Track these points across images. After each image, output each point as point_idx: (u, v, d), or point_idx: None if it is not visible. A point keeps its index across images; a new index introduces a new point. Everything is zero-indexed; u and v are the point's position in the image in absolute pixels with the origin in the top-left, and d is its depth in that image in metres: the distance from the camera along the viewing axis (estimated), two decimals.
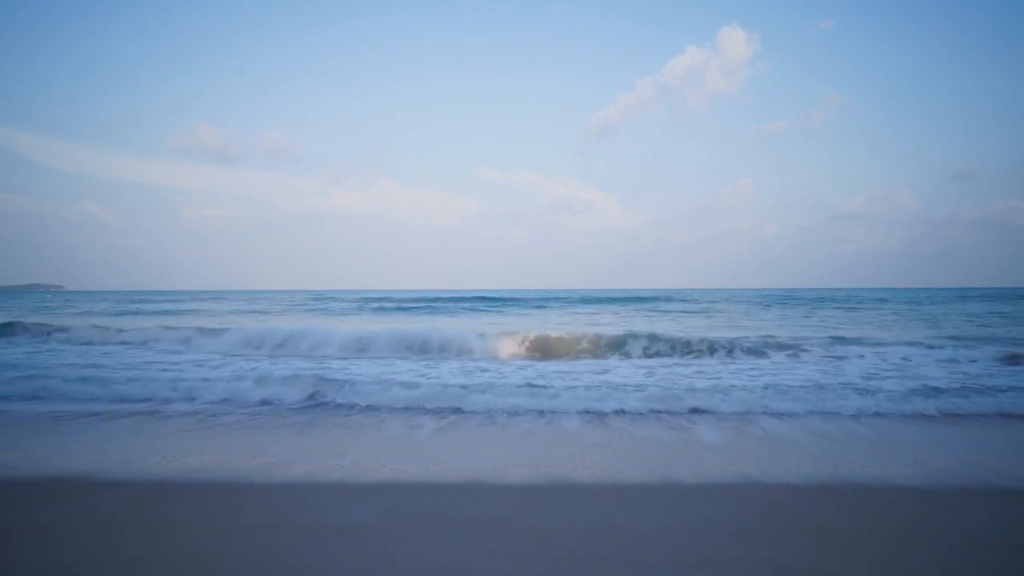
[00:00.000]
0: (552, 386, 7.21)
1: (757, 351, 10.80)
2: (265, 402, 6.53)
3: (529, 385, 7.32)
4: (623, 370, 9.08)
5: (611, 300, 39.26)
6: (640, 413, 5.98)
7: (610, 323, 20.13)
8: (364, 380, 7.49)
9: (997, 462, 4.33)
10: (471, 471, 4.09)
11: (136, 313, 28.31)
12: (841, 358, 10.18)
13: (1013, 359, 9.60)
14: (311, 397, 6.73)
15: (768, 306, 31.88)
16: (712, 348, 10.95)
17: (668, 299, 41.28)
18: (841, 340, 12.10)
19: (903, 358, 9.97)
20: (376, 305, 34.47)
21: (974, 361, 9.65)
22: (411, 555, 2.70)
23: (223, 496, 3.55)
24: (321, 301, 40.77)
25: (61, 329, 14.36)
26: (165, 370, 8.79)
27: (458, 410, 6.15)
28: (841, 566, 2.61)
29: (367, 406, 6.37)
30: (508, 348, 11.39)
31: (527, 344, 11.63)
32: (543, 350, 11.43)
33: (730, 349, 10.87)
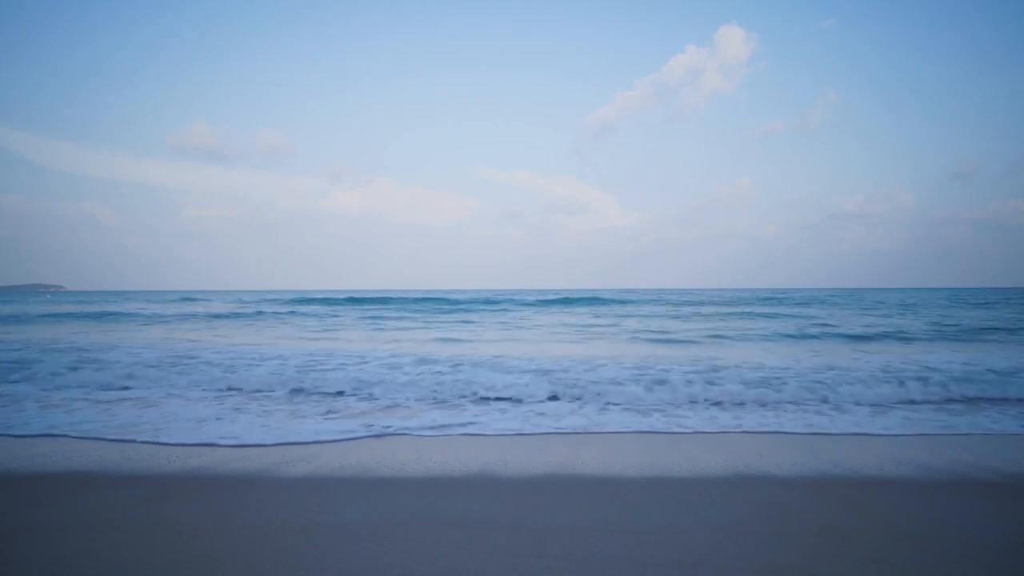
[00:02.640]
0: None
1: None
2: None
3: None
4: None
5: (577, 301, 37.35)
6: None
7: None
8: None
9: (998, 462, 4.33)
10: (469, 470, 4.09)
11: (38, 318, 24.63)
12: None
13: None
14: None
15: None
16: None
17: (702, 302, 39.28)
18: None
19: None
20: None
21: None
22: (409, 555, 2.70)
23: (223, 496, 3.55)
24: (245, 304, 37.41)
25: None
26: None
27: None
28: (841, 566, 2.60)
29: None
30: None
31: None
32: None
33: None
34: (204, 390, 7.30)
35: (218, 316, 24.95)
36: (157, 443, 4.83)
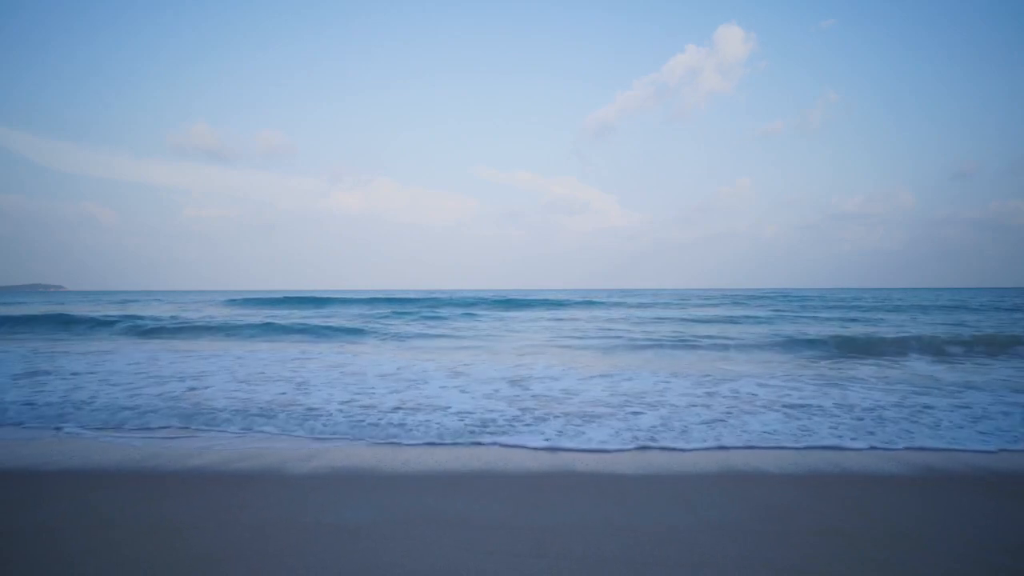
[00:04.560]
0: None
1: None
2: None
3: None
4: None
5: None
6: None
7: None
8: None
9: (997, 463, 4.33)
10: (470, 470, 4.10)
11: None
12: None
13: None
14: None
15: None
16: None
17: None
18: None
19: None
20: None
21: None
22: (410, 554, 2.70)
23: (224, 495, 3.55)
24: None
25: None
26: None
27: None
28: (841, 566, 2.61)
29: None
30: None
31: None
32: None
33: None
34: None
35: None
36: (158, 441, 4.83)
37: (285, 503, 3.41)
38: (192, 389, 7.28)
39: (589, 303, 34.71)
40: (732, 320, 21.89)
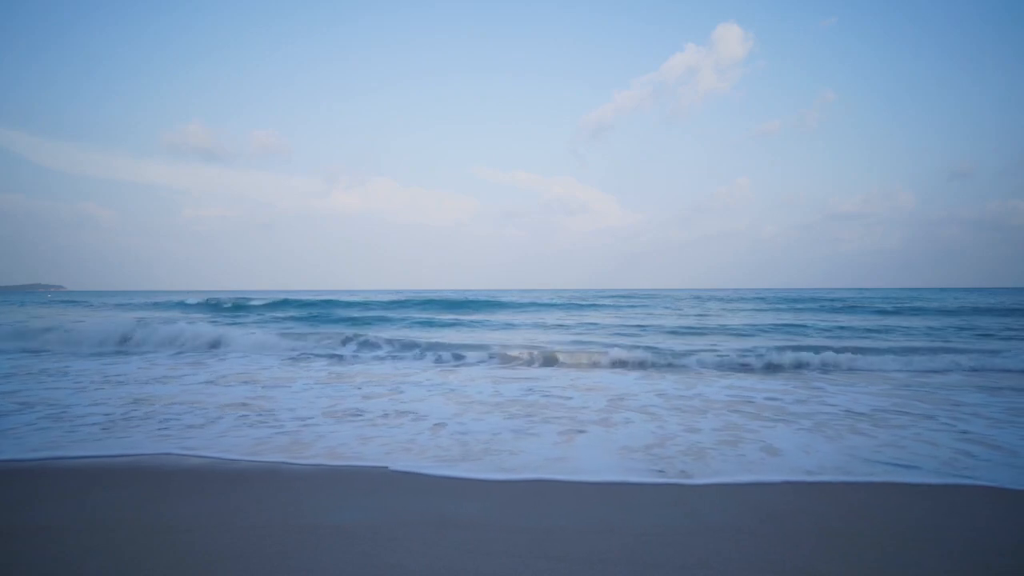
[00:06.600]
0: None
1: None
2: None
3: None
4: None
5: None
6: None
7: None
8: None
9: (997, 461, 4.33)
10: (471, 471, 4.09)
11: None
12: None
13: None
14: None
15: None
16: None
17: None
18: None
19: None
20: None
21: None
22: (410, 555, 2.70)
23: (223, 496, 3.55)
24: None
25: None
26: None
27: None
28: (841, 567, 2.60)
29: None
30: None
31: None
32: None
33: None
34: None
35: None
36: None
37: (284, 503, 3.41)
38: None
39: (565, 306, 30.28)
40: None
